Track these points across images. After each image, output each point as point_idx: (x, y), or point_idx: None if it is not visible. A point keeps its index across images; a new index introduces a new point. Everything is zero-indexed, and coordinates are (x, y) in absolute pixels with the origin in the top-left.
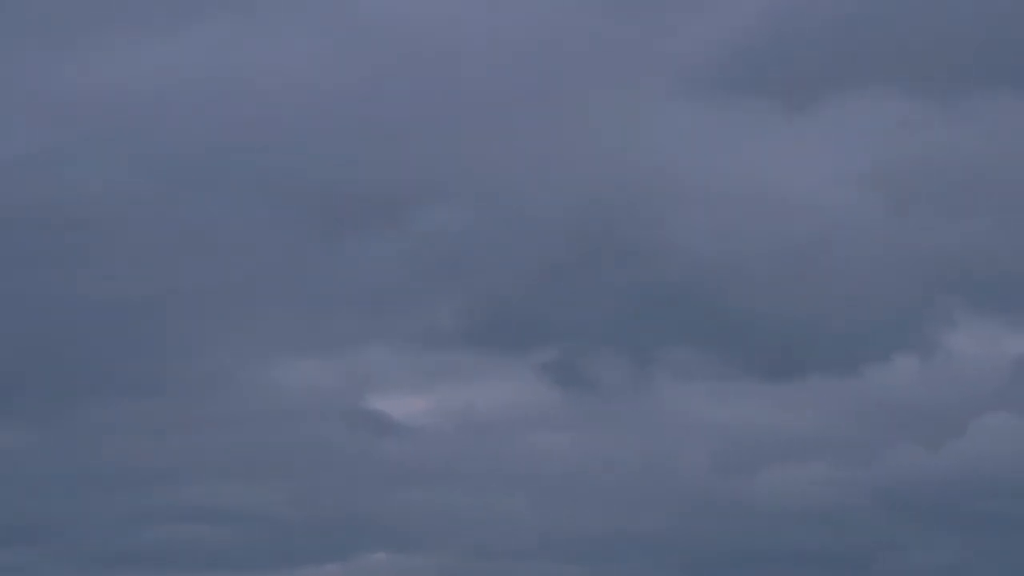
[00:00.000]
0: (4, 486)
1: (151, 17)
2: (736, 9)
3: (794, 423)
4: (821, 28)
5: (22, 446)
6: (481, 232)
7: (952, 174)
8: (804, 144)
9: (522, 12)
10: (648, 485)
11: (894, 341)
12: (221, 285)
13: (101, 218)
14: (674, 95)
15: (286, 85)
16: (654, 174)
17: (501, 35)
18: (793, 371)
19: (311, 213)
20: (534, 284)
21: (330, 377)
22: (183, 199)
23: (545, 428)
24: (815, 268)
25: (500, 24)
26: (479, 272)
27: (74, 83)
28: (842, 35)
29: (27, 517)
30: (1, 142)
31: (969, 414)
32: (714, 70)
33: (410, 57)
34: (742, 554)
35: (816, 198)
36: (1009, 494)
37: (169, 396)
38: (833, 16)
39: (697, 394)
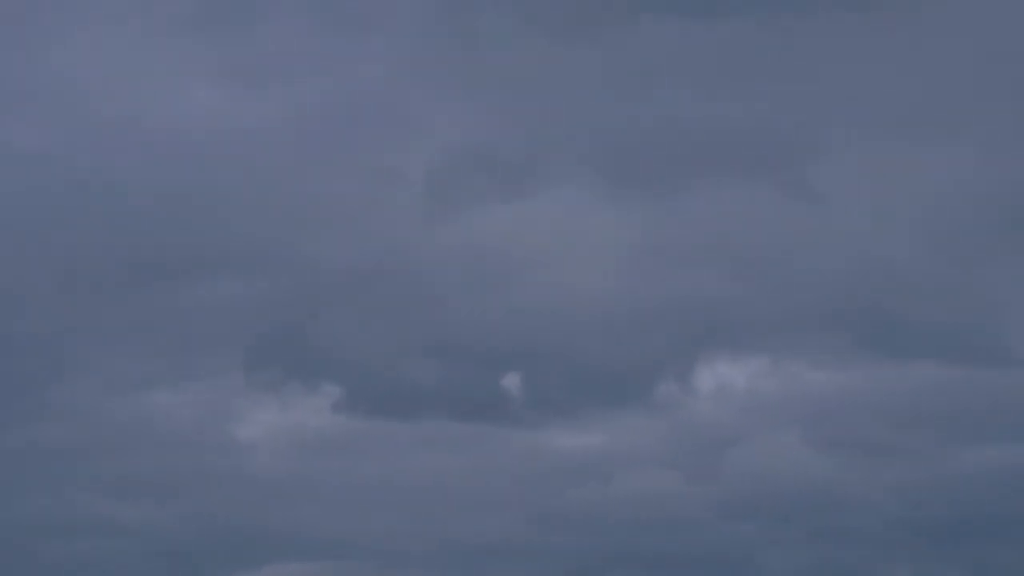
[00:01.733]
0: None
1: None
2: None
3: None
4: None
5: None
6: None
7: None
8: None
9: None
10: (513, 498)
11: (672, 377)
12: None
13: None
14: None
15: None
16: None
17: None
18: (590, 403)
19: (125, 278)
20: (324, 328)
21: (179, 407)
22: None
23: (381, 449)
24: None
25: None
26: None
27: None
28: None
29: None
30: None
31: (748, 436)
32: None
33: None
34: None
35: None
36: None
37: (47, 424)
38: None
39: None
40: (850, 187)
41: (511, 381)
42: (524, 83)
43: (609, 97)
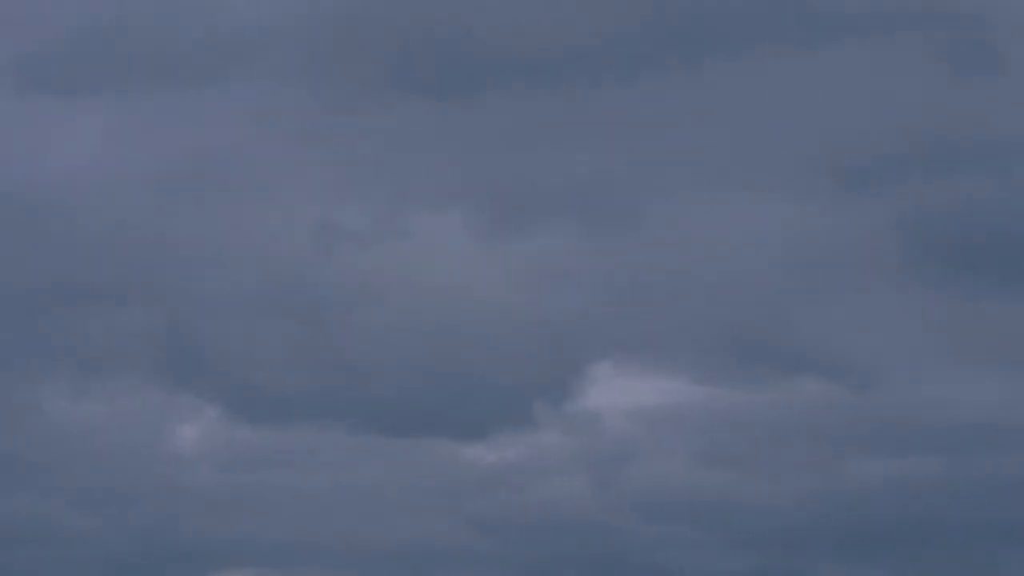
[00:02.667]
0: None
1: None
2: None
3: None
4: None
5: None
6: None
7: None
8: None
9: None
10: (441, 505)
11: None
12: None
13: None
14: None
15: None
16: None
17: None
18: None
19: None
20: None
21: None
22: None
23: (305, 462)
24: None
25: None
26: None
27: None
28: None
29: None
30: None
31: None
32: None
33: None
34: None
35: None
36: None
37: None
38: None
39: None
40: (682, 226)
41: (421, 397)
42: (396, 138)
43: (478, 151)
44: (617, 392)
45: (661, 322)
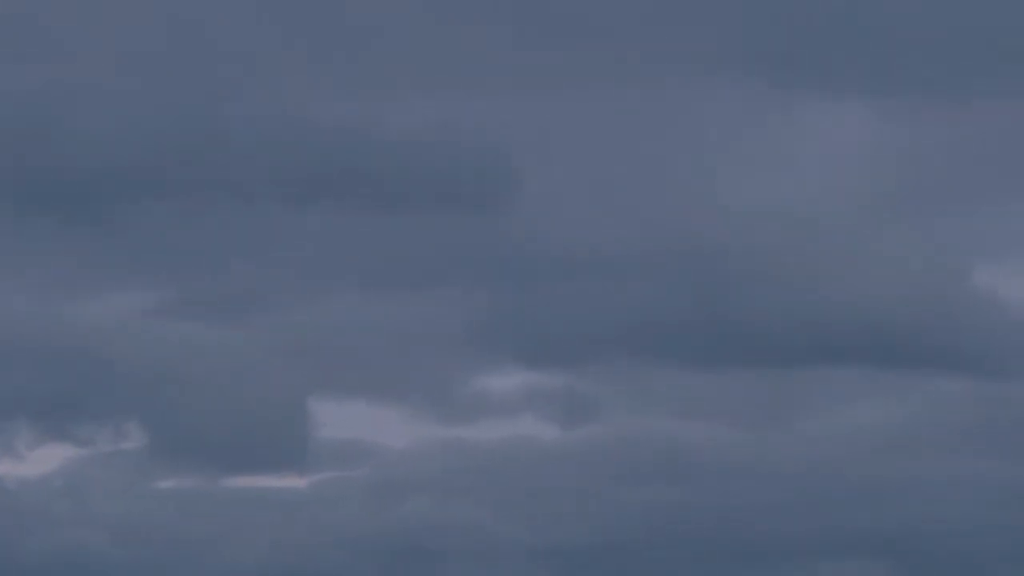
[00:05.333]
0: None
1: None
2: None
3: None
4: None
5: None
6: None
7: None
8: None
9: None
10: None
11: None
12: None
13: None
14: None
15: None
16: None
17: None
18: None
19: None
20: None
21: None
22: None
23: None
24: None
25: None
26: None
27: None
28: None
29: None
30: None
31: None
32: None
33: None
34: None
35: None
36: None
37: None
38: None
39: None
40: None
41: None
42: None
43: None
44: (375, 431)
45: (371, 373)
